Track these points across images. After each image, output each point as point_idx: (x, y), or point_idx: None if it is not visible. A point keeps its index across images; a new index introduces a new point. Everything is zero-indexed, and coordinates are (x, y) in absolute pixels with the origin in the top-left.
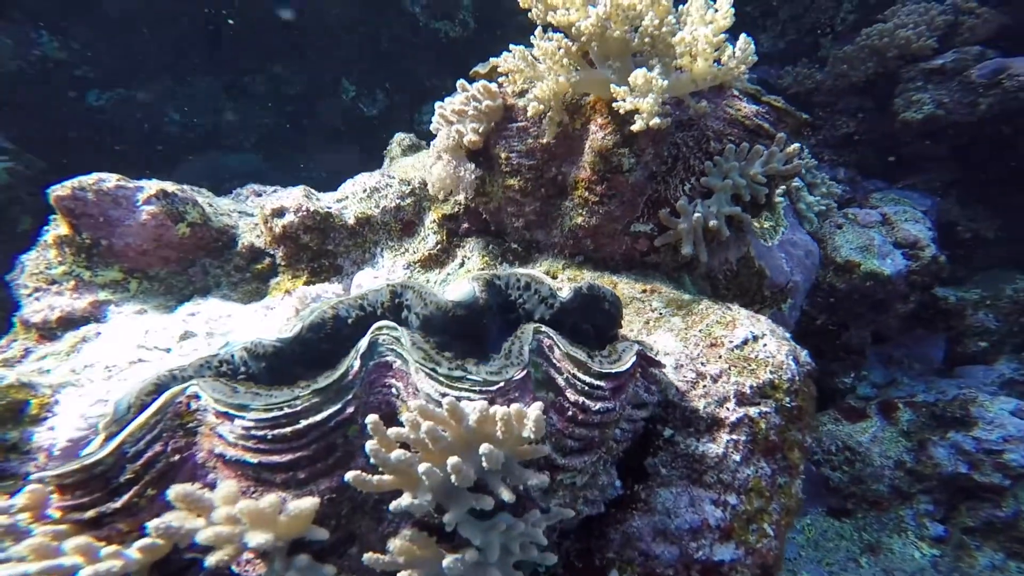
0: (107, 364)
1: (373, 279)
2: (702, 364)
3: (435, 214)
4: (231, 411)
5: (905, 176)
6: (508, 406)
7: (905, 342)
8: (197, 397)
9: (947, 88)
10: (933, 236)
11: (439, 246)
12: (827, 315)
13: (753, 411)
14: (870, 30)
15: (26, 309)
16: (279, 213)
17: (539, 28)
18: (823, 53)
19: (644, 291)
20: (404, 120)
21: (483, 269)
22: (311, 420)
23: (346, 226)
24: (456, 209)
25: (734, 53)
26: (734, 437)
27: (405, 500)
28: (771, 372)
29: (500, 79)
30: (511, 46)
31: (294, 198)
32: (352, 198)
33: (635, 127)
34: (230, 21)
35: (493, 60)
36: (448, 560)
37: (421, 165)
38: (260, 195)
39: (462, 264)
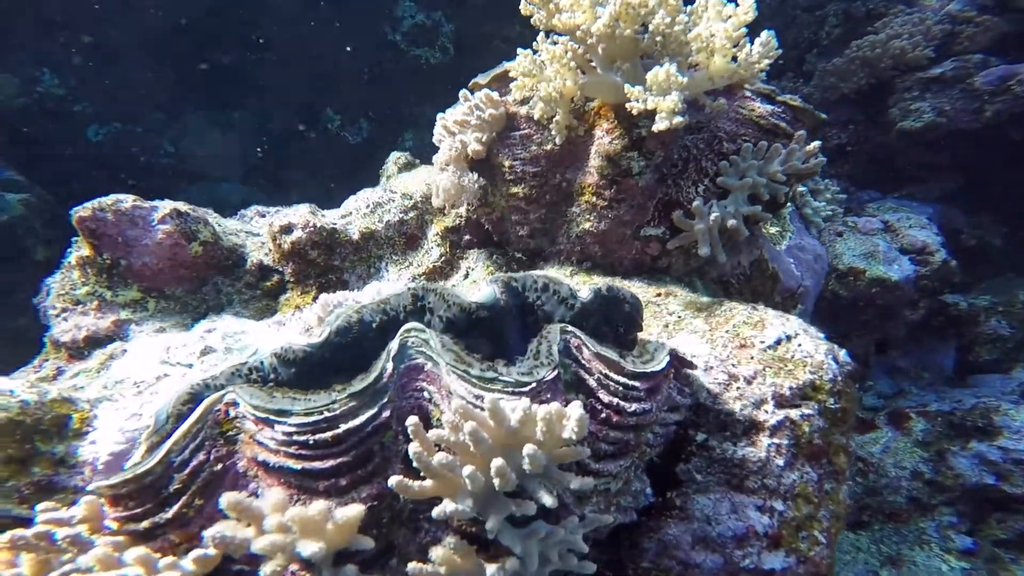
0: (135, 380)
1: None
2: (733, 366)
3: (438, 227)
4: (271, 417)
5: (901, 186)
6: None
7: (913, 351)
8: (235, 404)
9: (947, 96)
10: (942, 241)
11: (443, 258)
12: (828, 324)
13: (794, 413)
14: (861, 42)
15: (55, 329)
16: (287, 230)
17: (541, 34)
18: (808, 67)
19: (659, 295)
20: (387, 147)
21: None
22: (350, 424)
23: (351, 241)
24: (458, 221)
25: (752, 49)
26: (775, 441)
27: (449, 506)
28: (811, 372)
29: (510, 86)
30: (519, 50)
31: (301, 215)
32: (356, 214)
33: (658, 127)
34: (224, 59)
35: (505, 64)
36: (491, 569)
37: (421, 180)
38: (264, 215)
39: (466, 275)
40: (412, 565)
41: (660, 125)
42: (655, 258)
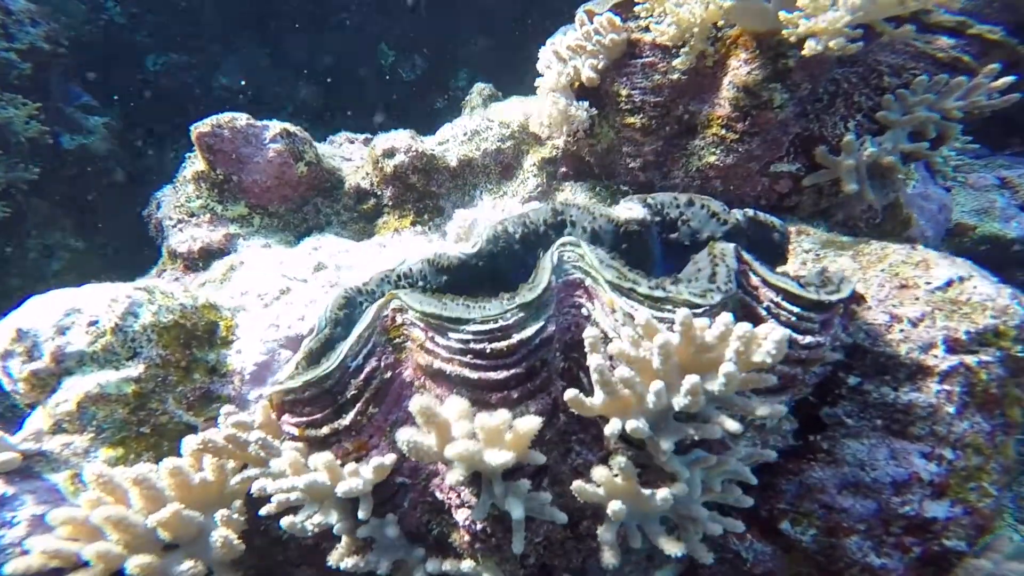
0: (259, 292)
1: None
2: (894, 306)
3: (534, 157)
4: (446, 324)
5: (1014, 143)
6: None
7: None
8: (403, 311)
9: None
10: None
11: (539, 189)
12: None
13: (971, 359)
14: None
15: (171, 239)
16: (390, 153)
17: None
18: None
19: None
20: (440, 85)
21: None
22: (522, 335)
23: (448, 168)
24: (554, 153)
25: None
26: (946, 387)
27: (629, 423)
28: (992, 317)
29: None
30: None
31: (403, 139)
32: (453, 141)
33: (845, 51)
34: None
35: None
36: (663, 493)
37: (518, 108)
38: (353, 142)
39: None
40: (576, 483)
41: (843, 51)
42: (783, 196)
